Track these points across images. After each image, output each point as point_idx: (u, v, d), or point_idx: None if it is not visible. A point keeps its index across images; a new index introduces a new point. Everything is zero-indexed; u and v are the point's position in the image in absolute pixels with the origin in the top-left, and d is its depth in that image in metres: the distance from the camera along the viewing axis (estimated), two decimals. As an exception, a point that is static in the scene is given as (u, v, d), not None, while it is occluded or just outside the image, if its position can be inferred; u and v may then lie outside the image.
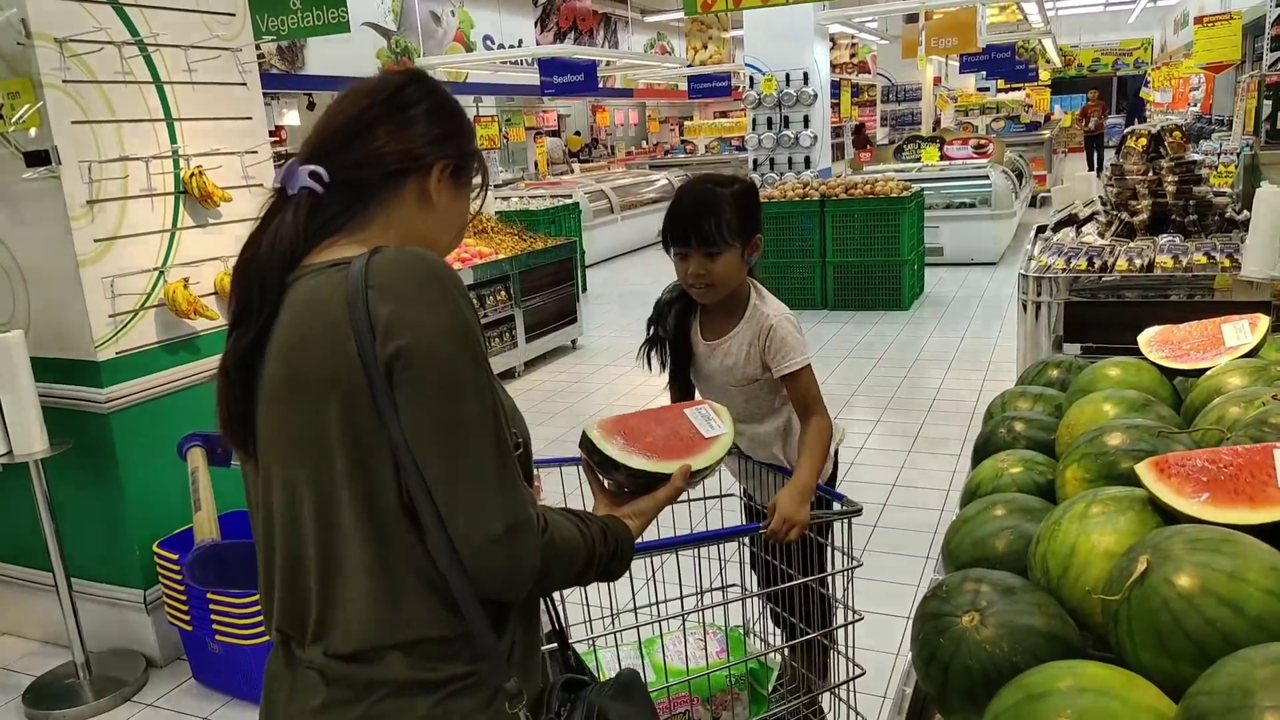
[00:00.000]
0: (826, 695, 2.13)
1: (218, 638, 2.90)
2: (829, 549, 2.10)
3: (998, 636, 1.02)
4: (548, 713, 1.16)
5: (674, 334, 2.23)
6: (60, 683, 3.10)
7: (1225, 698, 0.76)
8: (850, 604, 1.96)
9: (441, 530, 1.03)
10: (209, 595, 2.84)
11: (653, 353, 2.26)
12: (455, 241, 1.26)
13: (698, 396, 2.25)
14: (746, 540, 2.22)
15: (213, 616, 2.87)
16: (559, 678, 1.23)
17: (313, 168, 1.13)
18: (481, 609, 1.07)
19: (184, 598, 2.95)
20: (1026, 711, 0.90)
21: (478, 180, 1.27)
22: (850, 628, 1.96)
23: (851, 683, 1.99)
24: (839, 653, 2.01)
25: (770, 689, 2.25)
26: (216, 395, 1.16)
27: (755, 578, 2.24)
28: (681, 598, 2.01)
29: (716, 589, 2.02)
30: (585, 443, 1.38)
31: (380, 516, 1.05)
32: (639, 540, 1.33)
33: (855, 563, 1.94)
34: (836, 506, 1.95)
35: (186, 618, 2.97)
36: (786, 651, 2.19)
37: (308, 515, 1.08)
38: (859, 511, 1.90)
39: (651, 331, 2.26)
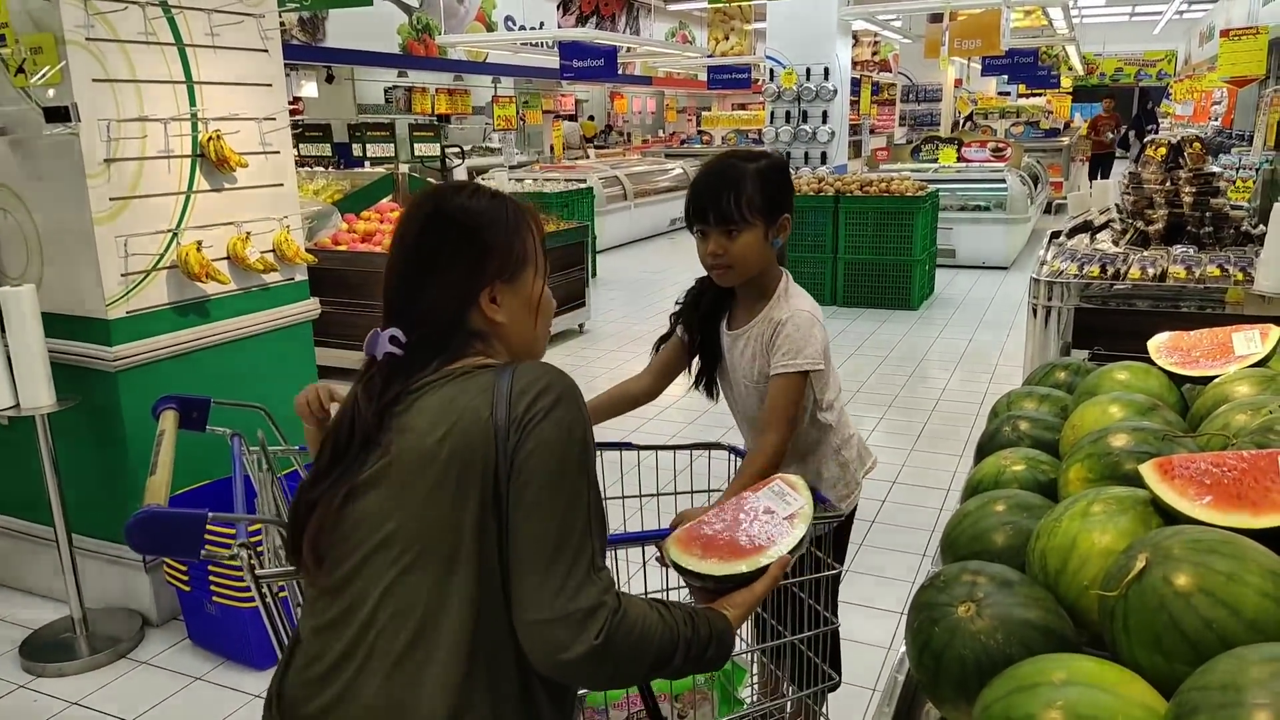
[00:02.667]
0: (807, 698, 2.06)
1: (215, 599, 2.91)
2: (811, 554, 1.99)
3: (992, 628, 1.03)
4: None
5: (709, 323, 2.08)
6: (57, 637, 3.12)
7: (1219, 694, 0.77)
8: (829, 610, 1.83)
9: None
10: (210, 558, 2.85)
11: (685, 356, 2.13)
12: (547, 317, 1.36)
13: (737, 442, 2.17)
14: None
15: (210, 578, 2.89)
16: None
17: (392, 332, 1.25)
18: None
19: (189, 559, 2.96)
20: (1017, 702, 0.90)
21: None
22: (828, 634, 1.84)
23: (823, 690, 1.87)
24: (813, 659, 1.85)
25: (744, 689, 2.20)
26: (293, 521, 1.24)
27: None
28: (646, 593, 1.88)
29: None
30: (671, 563, 1.40)
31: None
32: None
33: (837, 569, 1.82)
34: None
35: (185, 579, 2.99)
36: (761, 653, 2.09)
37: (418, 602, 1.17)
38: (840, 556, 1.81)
39: (675, 322, 2.13)
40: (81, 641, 3.07)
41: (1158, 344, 1.77)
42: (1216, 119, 13.44)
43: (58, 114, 2.82)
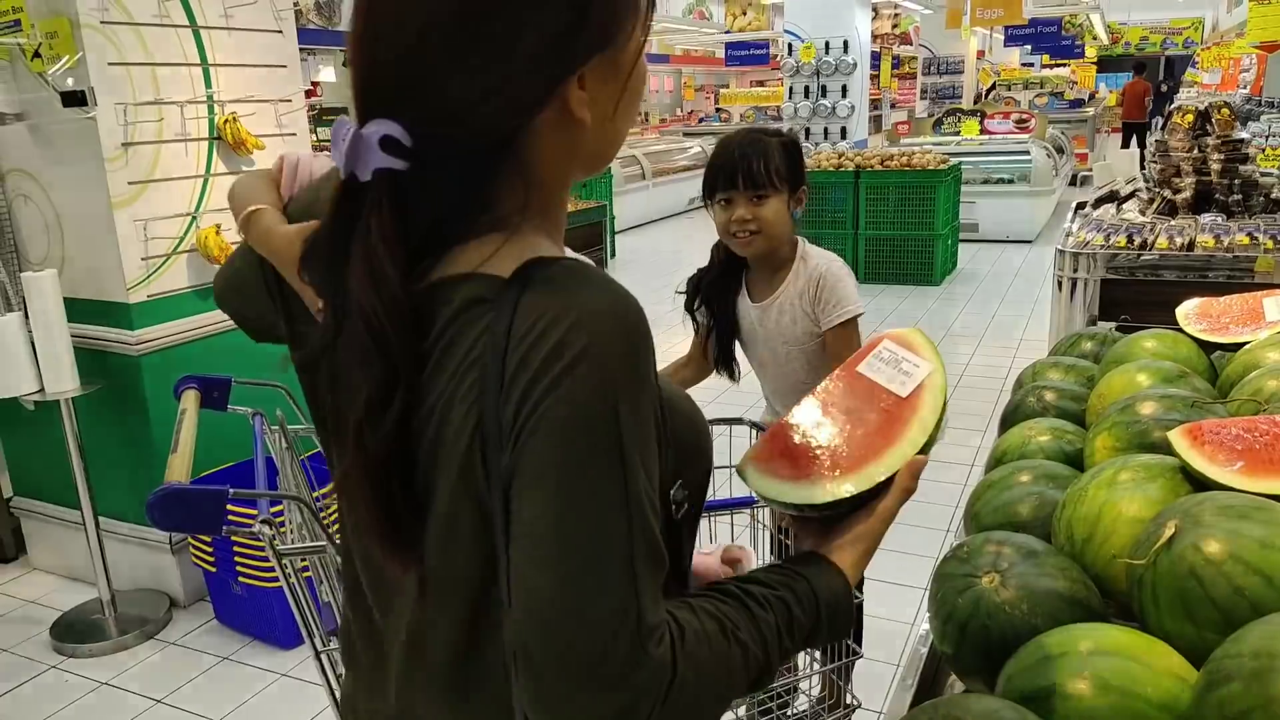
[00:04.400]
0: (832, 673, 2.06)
1: (241, 579, 2.94)
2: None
3: (1018, 598, 1.01)
4: None
5: (719, 305, 2.11)
6: (86, 618, 3.16)
7: (1252, 661, 0.75)
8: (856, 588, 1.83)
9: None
10: (233, 536, 2.88)
11: (700, 316, 2.15)
12: (635, 103, 0.83)
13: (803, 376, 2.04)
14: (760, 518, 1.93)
15: (236, 559, 2.92)
16: None
17: (385, 128, 0.73)
18: None
19: (208, 539, 2.99)
20: (1044, 671, 0.89)
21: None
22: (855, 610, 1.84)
23: (847, 665, 1.85)
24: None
25: None
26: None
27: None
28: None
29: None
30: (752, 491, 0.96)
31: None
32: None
33: None
34: None
35: (210, 559, 3.02)
36: None
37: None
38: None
39: (691, 307, 2.15)
40: (110, 623, 3.11)
41: (1186, 311, 1.74)
42: (1245, 86, 13.19)
43: (74, 98, 2.82)
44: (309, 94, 10.00)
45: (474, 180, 0.77)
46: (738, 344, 2.18)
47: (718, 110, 19.71)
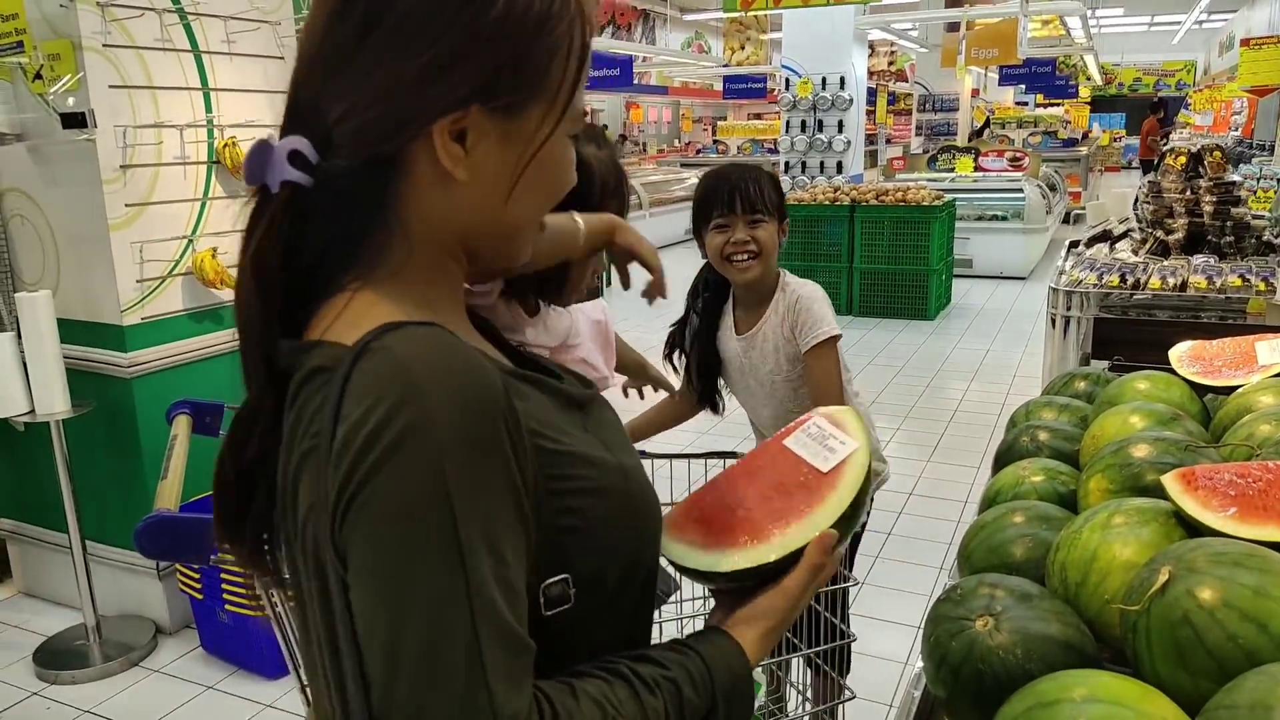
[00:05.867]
0: (824, 713, 2.05)
1: (228, 607, 2.91)
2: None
3: (1011, 643, 1.00)
4: None
5: (704, 335, 2.15)
6: (70, 644, 3.13)
7: (1247, 713, 0.74)
8: (844, 624, 1.81)
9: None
10: (220, 564, 2.85)
11: (677, 363, 2.19)
12: (541, 193, 0.80)
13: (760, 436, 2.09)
14: None
15: (224, 586, 2.89)
16: None
17: (294, 143, 0.72)
18: None
19: (196, 566, 2.96)
20: (1038, 718, 0.88)
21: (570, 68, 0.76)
22: (844, 649, 1.81)
23: (841, 705, 1.83)
24: (828, 673, 1.86)
25: (757, 700, 2.17)
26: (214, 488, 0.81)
27: None
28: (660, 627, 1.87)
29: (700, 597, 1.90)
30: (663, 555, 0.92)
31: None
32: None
33: (853, 581, 1.79)
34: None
35: (197, 586, 2.99)
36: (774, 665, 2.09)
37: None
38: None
39: (679, 337, 2.19)
40: (95, 649, 3.07)
41: (1179, 353, 1.74)
42: (1236, 129, 13.33)
43: (74, 120, 2.83)
44: (309, 119, 10.03)
45: (350, 214, 0.75)
46: (721, 379, 2.20)
47: (715, 142, 19.87)
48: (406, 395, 0.64)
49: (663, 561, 0.89)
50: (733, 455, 2.17)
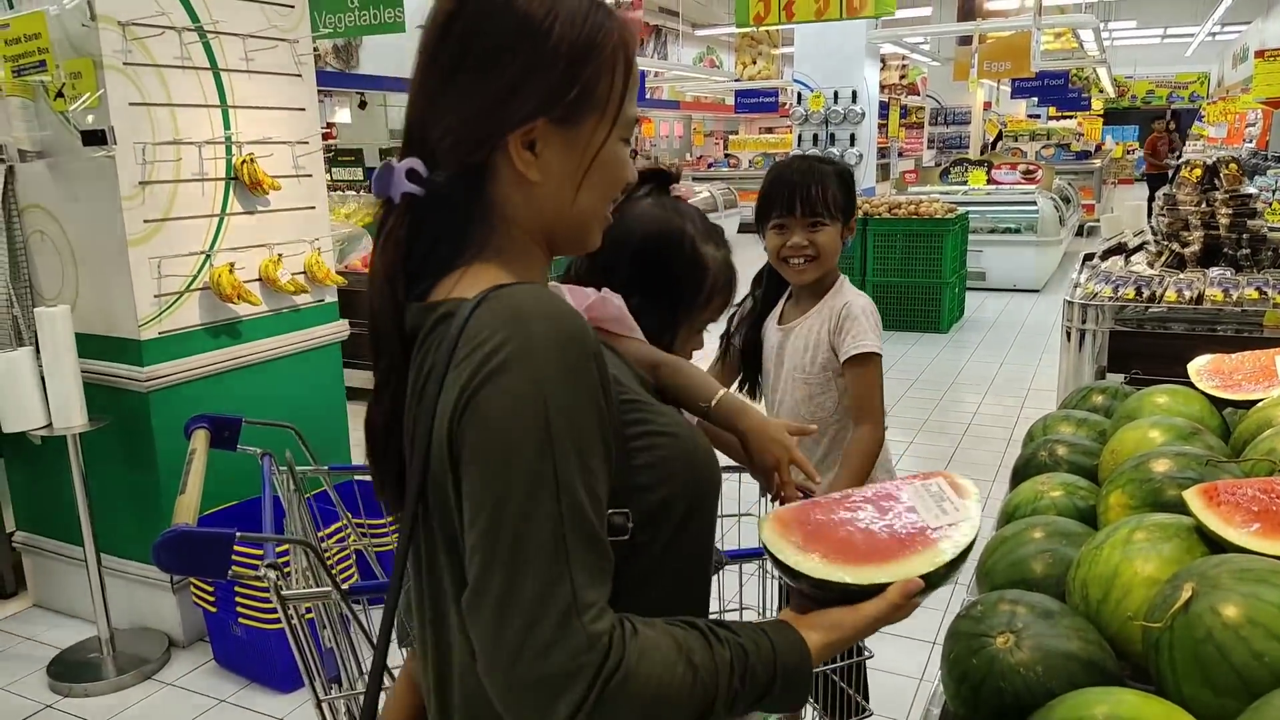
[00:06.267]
0: None
1: (241, 620, 2.92)
2: None
3: (1032, 660, 0.99)
4: None
5: (754, 321, 2.14)
6: (84, 657, 3.14)
7: (1273, 732, 0.73)
8: (863, 698, 1.80)
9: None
10: (237, 581, 2.86)
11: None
12: (602, 188, 0.95)
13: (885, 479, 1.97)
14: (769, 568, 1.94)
15: (237, 600, 2.90)
16: None
17: (411, 163, 0.89)
18: None
19: (211, 580, 2.97)
20: (1060, 736, 0.87)
21: (619, 88, 0.91)
22: (860, 666, 1.80)
23: None
24: (845, 689, 1.83)
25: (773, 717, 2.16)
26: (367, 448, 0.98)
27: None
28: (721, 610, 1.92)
29: (730, 610, 1.90)
30: (760, 543, 1.00)
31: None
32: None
33: (868, 654, 1.78)
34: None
35: (211, 599, 3.00)
36: None
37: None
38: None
39: (734, 320, 2.17)
40: (108, 662, 3.08)
41: (1198, 367, 1.73)
42: (1251, 140, 13.27)
43: (95, 137, 2.86)
44: (325, 135, 10.15)
45: (456, 213, 0.92)
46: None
47: (726, 156, 19.90)
48: (516, 328, 0.80)
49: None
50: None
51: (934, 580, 0.93)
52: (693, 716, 0.81)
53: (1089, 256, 4.59)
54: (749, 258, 2.14)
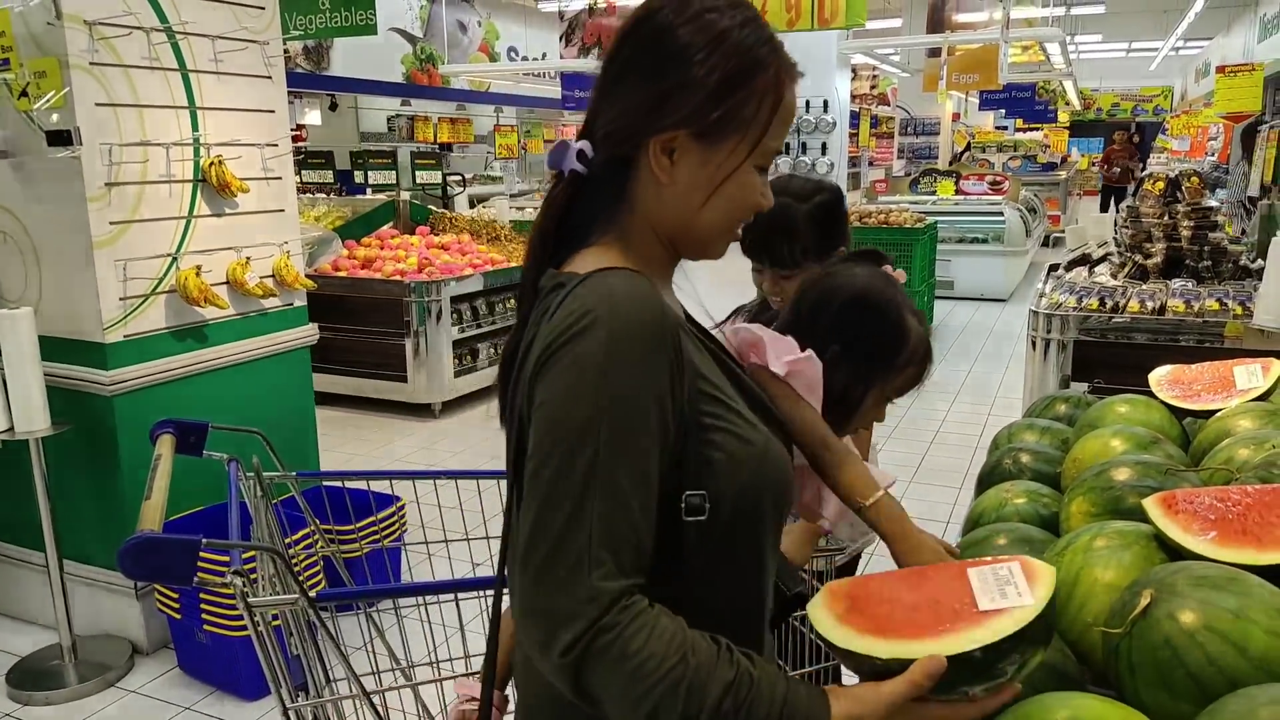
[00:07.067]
0: None
1: (206, 627, 2.88)
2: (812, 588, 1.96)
3: (995, 665, 1.01)
4: None
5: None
6: (45, 664, 3.08)
7: (1227, 735, 0.75)
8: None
9: None
10: (203, 588, 2.83)
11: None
12: (729, 209, 1.02)
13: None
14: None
15: (202, 606, 2.86)
16: None
17: (582, 145, 1.02)
18: None
19: (181, 586, 2.93)
20: (1022, 741, 0.88)
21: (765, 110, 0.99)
22: (830, 670, 1.79)
23: None
24: None
25: None
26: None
27: None
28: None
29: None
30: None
31: None
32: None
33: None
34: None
35: (176, 606, 2.96)
36: None
37: None
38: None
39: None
40: (70, 669, 3.03)
41: (1159, 377, 1.77)
42: (1213, 154, 13.52)
43: (60, 137, 2.82)
44: (295, 137, 10.06)
45: (602, 196, 1.03)
46: None
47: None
48: (601, 306, 0.90)
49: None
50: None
51: (967, 668, 0.86)
52: (671, 711, 0.83)
53: (1054, 267, 4.65)
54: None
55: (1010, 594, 0.90)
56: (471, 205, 9.89)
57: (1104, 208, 14.09)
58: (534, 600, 0.87)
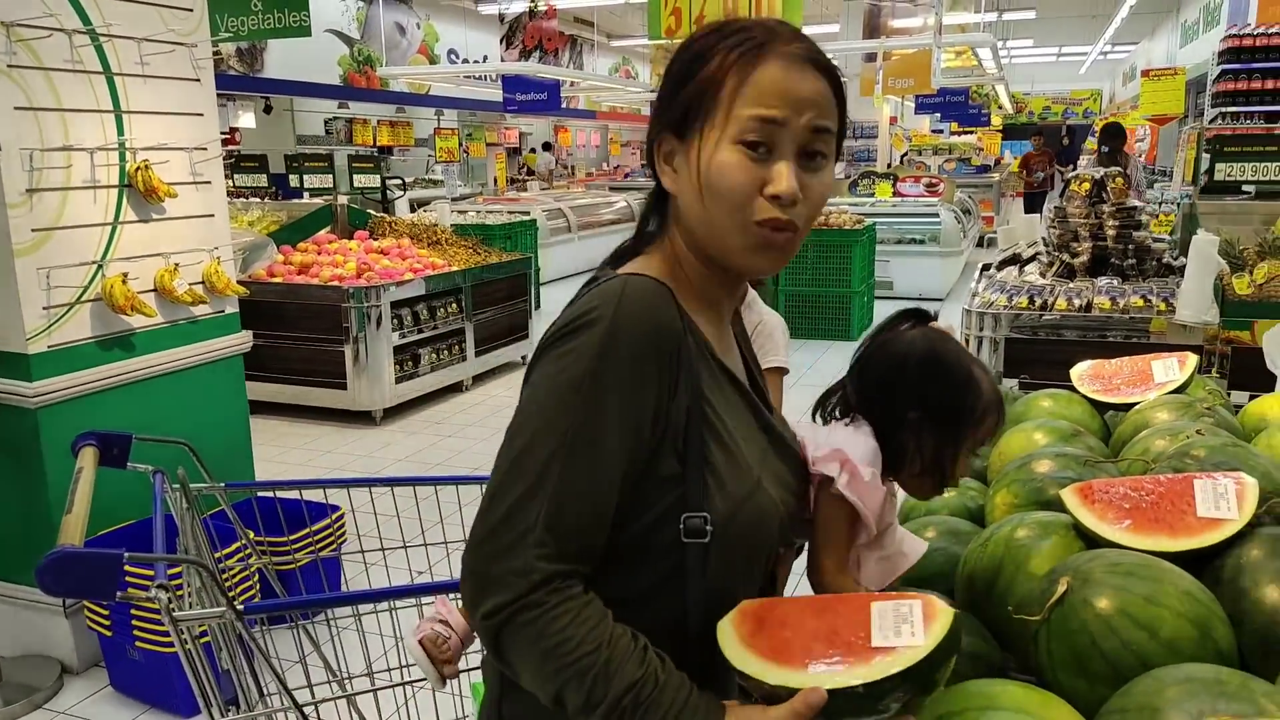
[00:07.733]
0: None
1: (138, 644, 2.81)
2: None
3: (921, 655, 1.03)
4: None
5: None
6: (-32, 687, 2.98)
7: (1136, 715, 0.78)
8: None
9: None
10: (130, 601, 2.75)
11: None
12: (717, 198, 0.98)
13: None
14: None
15: (134, 622, 2.79)
16: None
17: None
18: None
19: (105, 602, 2.85)
20: (944, 728, 0.90)
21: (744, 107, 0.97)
22: None
23: None
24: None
25: None
26: None
27: None
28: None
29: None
30: None
31: None
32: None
33: None
34: None
35: (106, 623, 2.88)
36: None
37: None
38: None
39: None
40: (-5, 691, 2.93)
41: (1080, 372, 1.81)
42: (1140, 155, 13.94)
43: (-24, 143, 2.73)
44: (227, 141, 9.86)
45: (656, 206, 1.09)
46: None
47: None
48: (606, 307, 0.94)
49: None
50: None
51: (857, 701, 0.88)
52: (576, 695, 0.89)
53: (986, 267, 4.76)
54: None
55: (905, 633, 0.90)
56: (413, 209, 9.80)
57: (1028, 210, 14.41)
58: (474, 559, 0.92)
